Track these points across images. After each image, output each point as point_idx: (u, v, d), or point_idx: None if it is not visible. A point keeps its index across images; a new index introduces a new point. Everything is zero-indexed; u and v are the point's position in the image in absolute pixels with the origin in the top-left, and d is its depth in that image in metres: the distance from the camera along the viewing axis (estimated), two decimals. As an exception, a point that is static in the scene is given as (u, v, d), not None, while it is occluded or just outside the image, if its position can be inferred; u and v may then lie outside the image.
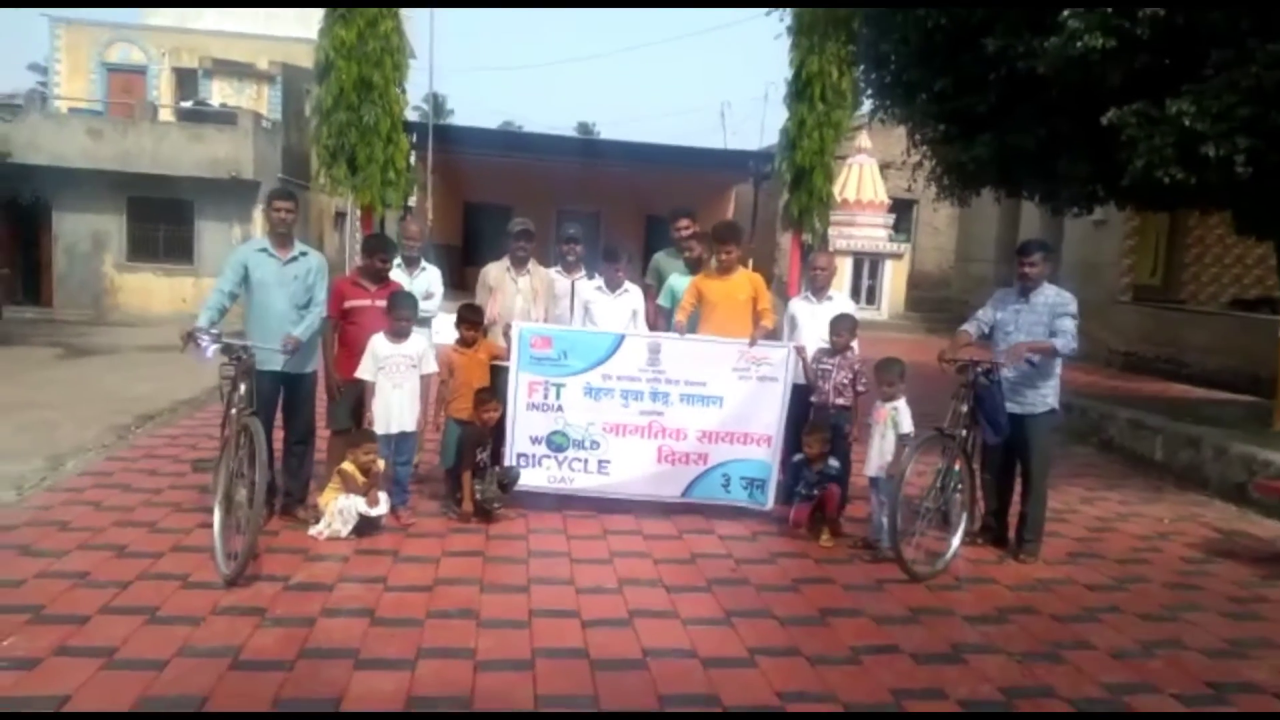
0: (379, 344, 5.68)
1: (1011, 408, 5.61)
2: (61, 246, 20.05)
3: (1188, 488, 7.95)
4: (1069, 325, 5.55)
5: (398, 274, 6.47)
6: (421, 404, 5.87)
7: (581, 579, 5.03)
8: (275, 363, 5.46)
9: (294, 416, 5.80)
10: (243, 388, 5.10)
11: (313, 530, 5.45)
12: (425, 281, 6.75)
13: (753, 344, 6.14)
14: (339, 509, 5.43)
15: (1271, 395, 9.20)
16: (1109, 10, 6.33)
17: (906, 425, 5.60)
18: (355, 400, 5.83)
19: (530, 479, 6.16)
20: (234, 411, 5.07)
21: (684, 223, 6.90)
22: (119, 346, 14.65)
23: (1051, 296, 5.67)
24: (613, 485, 6.23)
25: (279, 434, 5.78)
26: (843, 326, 6.07)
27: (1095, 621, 4.85)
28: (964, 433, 5.54)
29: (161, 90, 24.18)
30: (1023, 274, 5.69)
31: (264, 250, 5.58)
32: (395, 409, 5.69)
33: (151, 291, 20.23)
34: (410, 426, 5.80)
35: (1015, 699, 3.92)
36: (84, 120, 20.26)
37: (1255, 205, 8.24)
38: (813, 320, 6.42)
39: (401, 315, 5.71)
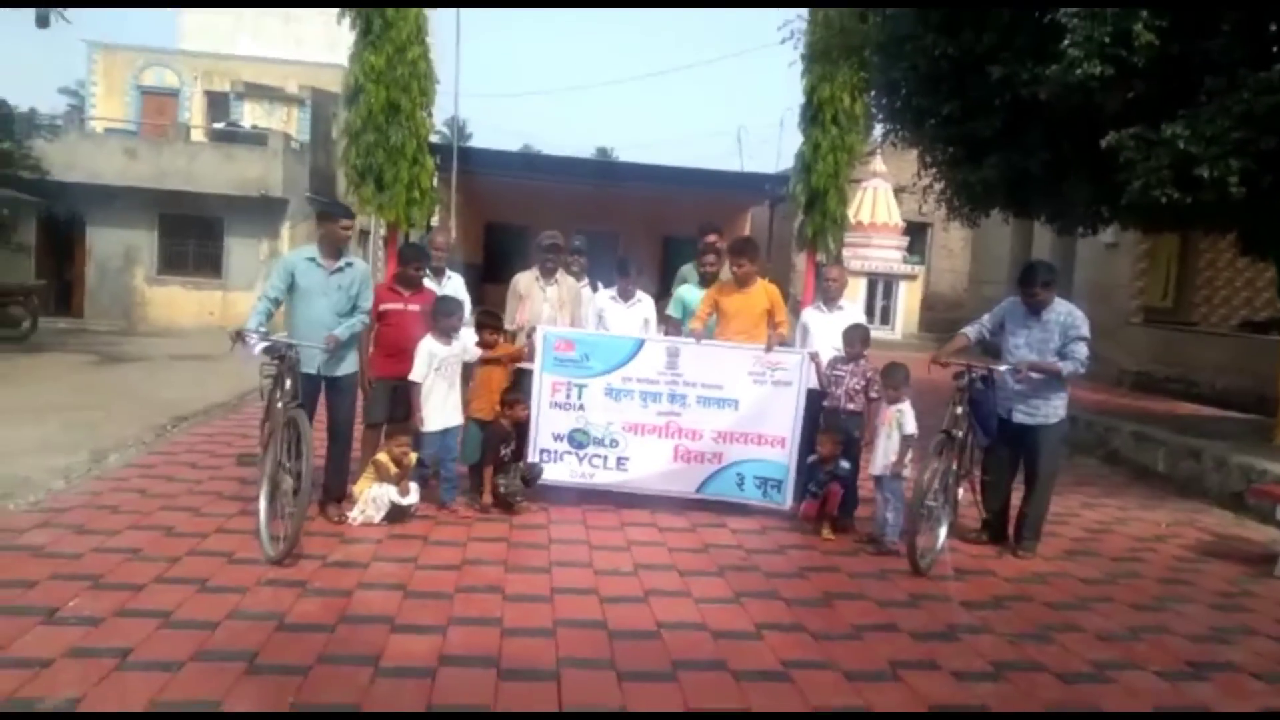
0: (433, 347, 6.03)
1: (1024, 419, 5.90)
2: (94, 260, 20.66)
3: (1189, 496, 8.18)
4: (1081, 351, 5.74)
5: (425, 283, 6.82)
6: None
7: (600, 563, 5.34)
8: (312, 365, 5.67)
9: (332, 416, 6.00)
10: (288, 383, 5.35)
11: (348, 516, 5.78)
12: (451, 290, 7.04)
13: (769, 350, 6.44)
14: (372, 496, 5.77)
15: (1275, 413, 9.42)
16: (1106, 40, 6.65)
17: (910, 426, 5.89)
18: (389, 396, 6.17)
19: (553, 474, 6.49)
20: (280, 405, 5.35)
21: (712, 237, 7.27)
22: (150, 355, 15.10)
23: (1063, 316, 5.83)
24: (631, 481, 6.54)
25: (317, 434, 6.04)
26: (856, 336, 6.35)
27: (1086, 610, 5.11)
28: (959, 434, 5.81)
29: (193, 112, 24.88)
30: (1027, 302, 5.91)
31: (312, 259, 5.80)
32: (450, 405, 6.12)
33: (180, 304, 20.78)
34: (458, 420, 6.24)
35: (1005, 671, 4.20)
36: (120, 140, 20.95)
37: (1254, 224, 8.52)
38: (824, 329, 6.71)
39: (451, 317, 6.12)
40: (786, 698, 3.79)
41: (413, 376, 5.97)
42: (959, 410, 5.79)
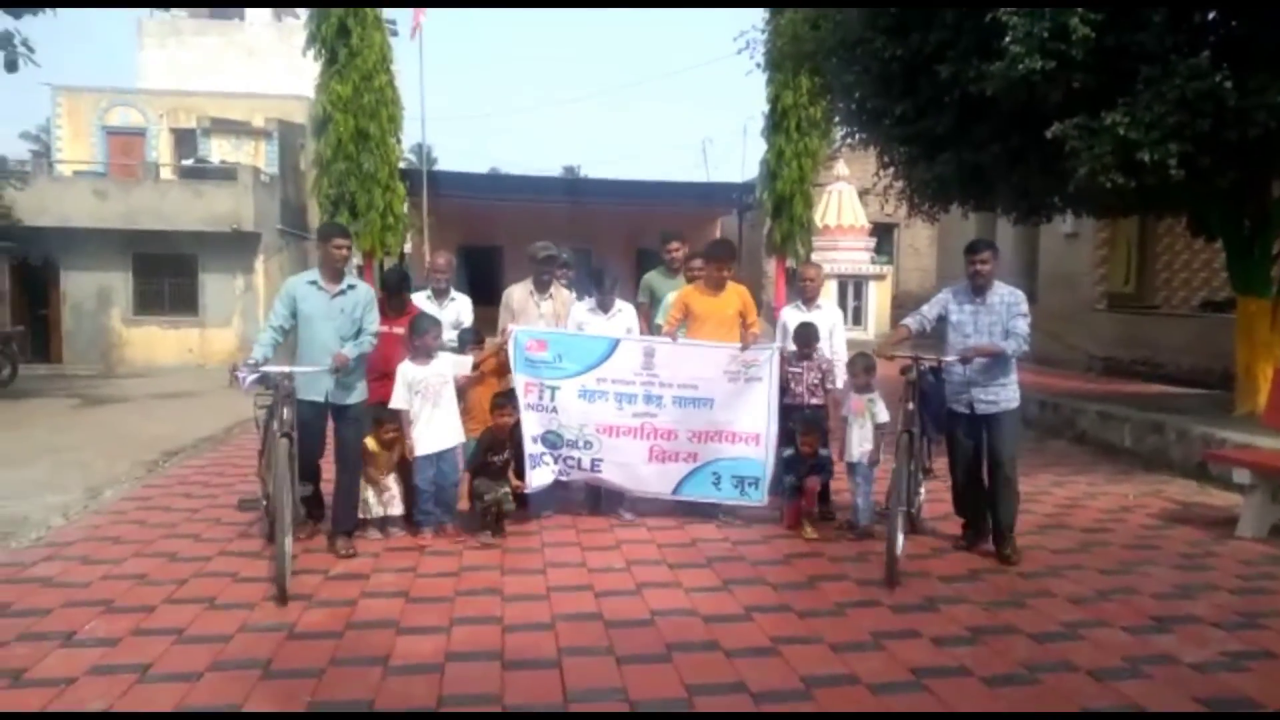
0: (408, 371, 5.87)
1: (986, 408, 5.71)
2: (70, 304, 20.67)
3: (1154, 469, 8.50)
4: (1022, 326, 5.61)
5: (428, 304, 6.71)
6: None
7: (592, 562, 5.56)
8: (319, 391, 5.53)
9: (340, 446, 5.77)
10: (286, 412, 5.20)
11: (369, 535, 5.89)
12: (455, 311, 6.88)
13: (745, 349, 6.44)
14: (362, 499, 5.92)
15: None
16: (1046, 36, 6.99)
17: (883, 415, 6.15)
18: (373, 419, 6.10)
19: (539, 479, 6.38)
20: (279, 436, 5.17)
21: (675, 245, 7.38)
22: (132, 395, 15.17)
23: (1006, 295, 5.73)
24: (606, 483, 6.57)
25: (325, 464, 5.98)
26: (806, 335, 6.53)
27: (1058, 577, 5.38)
28: (917, 431, 5.65)
29: (160, 150, 24.94)
30: (975, 272, 5.70)
31: (313, 283, 5.67)
32: (436, 427, 5.92)
33: (158, 344, 20.83)
34: (453, 441, 6.02)
35: (982, 635, 4.45)
36: (89, 182, 21.00)
37: (1197, 206, 8.89)
38: None
39: (424, 336, 5.92)
40: (777, 670, 4.02)
41: (393, 404, 5.83)
42: (911, 406, 5.62)
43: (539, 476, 6.43)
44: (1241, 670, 4.08)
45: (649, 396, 6.49)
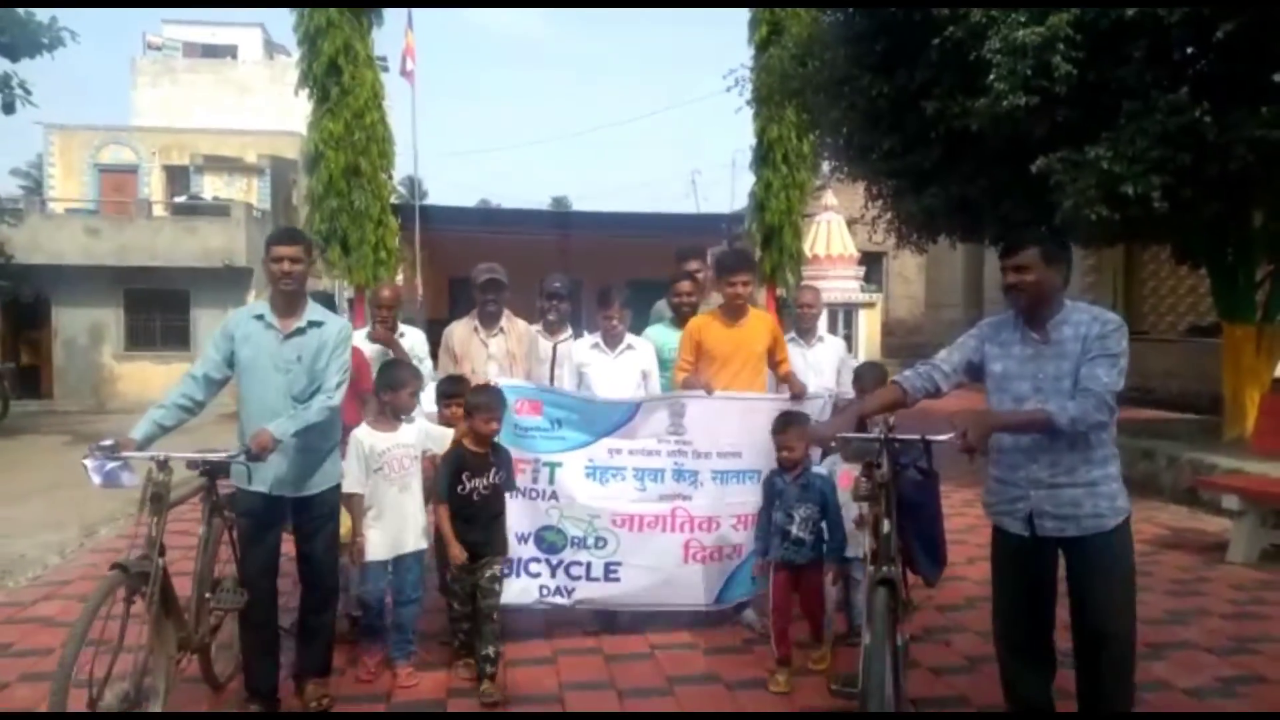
0: (366, 438, 4.29)
1: (1056, 527, 3.32)
2: (61, 340, 20.68)
3: (1146, 495, 8.55)
4: (1101, 376, 3.14)
5: (365, 346, 5.44)
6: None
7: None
8: (256, 478, 3.80)
9: (305, 560, 4.06)
10: (155, 522, 3.60)
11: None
12: (406, 346, 5.72)
13: (795, 399, 4.91)
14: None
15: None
16: (1029, 73, 7.15)
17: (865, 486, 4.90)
18: None
19: (515, 595, 4.69)
20: (130, 559, 3.57)
21: (695, 264, 5.83)
22: (123, 432, 15.11)
23: (1085, 324, 3.23)
24: (626, 596, 4.87)
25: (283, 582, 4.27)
26: (871, 377, 4.77)
27: (1052, 605, 5.42)
28: (897, 570, 3.35)
29: (153, 188, 25.08)
30: (1012, 285, 3.26)
31: (260, 318, 3.90)
32: (398, 521, 4.31)
33: (150, 379, 20.74)
34: (416, 544, 4.35)
35: (978, 664, 4.49)
36: (82, 219, 21.14)
37: (1181, 235, 9.05)
38: (803, 364, 5.61)
39: (399, 391, 4.38)
40: (777, 702, 4.06)
41: (346, 486, 4.15)
42: (887, 524, 3.34)
43: (516, 592, 4.72)
44: (1234, 696, 4.14)
45: (680, 471, 4.86)
